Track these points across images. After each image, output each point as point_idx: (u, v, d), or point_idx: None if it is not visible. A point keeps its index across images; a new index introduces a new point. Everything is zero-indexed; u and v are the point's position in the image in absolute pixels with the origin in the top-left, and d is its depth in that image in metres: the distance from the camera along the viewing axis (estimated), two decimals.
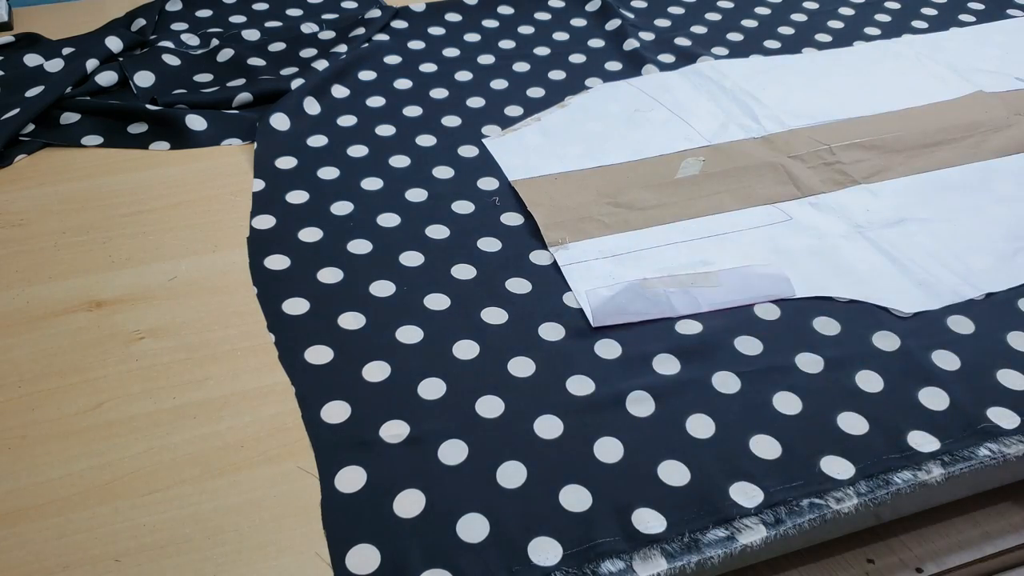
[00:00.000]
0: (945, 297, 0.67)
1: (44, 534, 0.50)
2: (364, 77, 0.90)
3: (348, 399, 0.58)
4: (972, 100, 0.87)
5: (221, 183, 0.76)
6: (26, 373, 0.59)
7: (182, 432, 0.56)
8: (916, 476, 0.54)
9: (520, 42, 0.98)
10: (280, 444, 0.55)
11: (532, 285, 0.67)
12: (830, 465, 0.54)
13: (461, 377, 0.60)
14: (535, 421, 0.57)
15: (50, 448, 0.55)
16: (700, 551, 0.50)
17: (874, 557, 0.56)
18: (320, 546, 0.50)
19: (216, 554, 0.49)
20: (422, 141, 0.82)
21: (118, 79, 0.87)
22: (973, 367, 0.61)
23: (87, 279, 0.67)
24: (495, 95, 0.89)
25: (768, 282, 0.67)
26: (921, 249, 0.71)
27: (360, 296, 0.65)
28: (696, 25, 1.02)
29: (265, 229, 0.71)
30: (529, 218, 0.73)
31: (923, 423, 0.57)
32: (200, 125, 0.82)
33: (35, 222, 0.72)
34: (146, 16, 0.96)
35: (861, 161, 0.80)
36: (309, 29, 0.97)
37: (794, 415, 0.58)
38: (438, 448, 0.55)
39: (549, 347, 0.62)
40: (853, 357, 0.62)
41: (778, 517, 0.52)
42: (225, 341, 0.62)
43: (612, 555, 0.49)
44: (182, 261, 0.68)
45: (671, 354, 0.62)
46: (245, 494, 0.52)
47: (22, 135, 0.80)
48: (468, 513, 0.51)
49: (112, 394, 0.58)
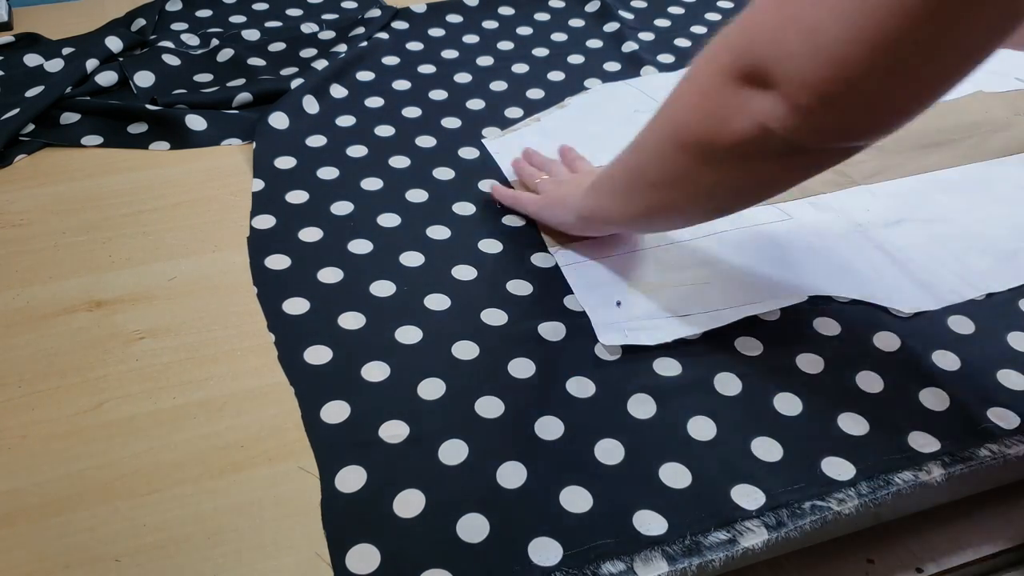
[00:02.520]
0: (945, 297, 0.67)
1: (44, 534, 0.50)
2: (363, 77, 0.90)
3: (348, 399, 0.58)
4: (972, 100, 0.87)
5: (221, 183, 0.76)
6: (26, 373, 0.59)
7: (182, 432, 0.56)
8: (916, 476, 0.54)
9: (519, 43, 0.98)
10: (280, 444, 0.55)
11: (533, 287, 0.67)
12: (831, 466, 0.54)
13: (461, 377, 0.60)
14: (536, 422, 0.57)
15: (50, 448, 0.55)
16: (701, 553, 0.50)
17: (874, 557, 0.56)
18: (320, 546, 0.50)
19: (216, 554, 0.49)
20: (422, 142, 0.82)
21: (118, 79, 0.86)
22: (973, 367, 0.61)
23: (87, 279, 0.67)
24: (495, 96, 0.89)
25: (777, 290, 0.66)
26: (921, 249, 0.71)
27: (360, 296, 0.65)
28: (696, 25, 1.02)
29: (265, 229, 0.71)
30: (530, 220, 0.73)
31: (923, 423, 0.57)
32: (200, 125, 0.82)
33: (35, 222, 0.72)
34: (146, 16, 0.96)
35: (861, 161, 0.80)
36: (309, 29, 0.97)
37: (795, 416, 0.58)
38: (438, 448, 0.55)
39: (550, 348, 0.62)
40: (853, 357, 0.62)
41: (780, 519, 0.52)
42: (225, 341, 0.62)
43: (613, 556, 0.49)
44: (182, 261, 0.68)
45: (672, 355, 0.62)
46: (245, 494, 0.52)
47: (22, 135, 0.80)
48: (468, 513, 0.51)
49: (112, 394, 0.58)
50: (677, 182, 0.55)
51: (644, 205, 0.59)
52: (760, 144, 0.47)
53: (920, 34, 0.39)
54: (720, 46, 0.48)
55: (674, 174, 0.54)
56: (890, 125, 0.45)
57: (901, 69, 0.41)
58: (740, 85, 0.46)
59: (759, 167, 0.50)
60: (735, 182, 0.52)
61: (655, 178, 0.56)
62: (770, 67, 0.44)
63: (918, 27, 0.39)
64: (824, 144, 0.47)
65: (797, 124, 0.45)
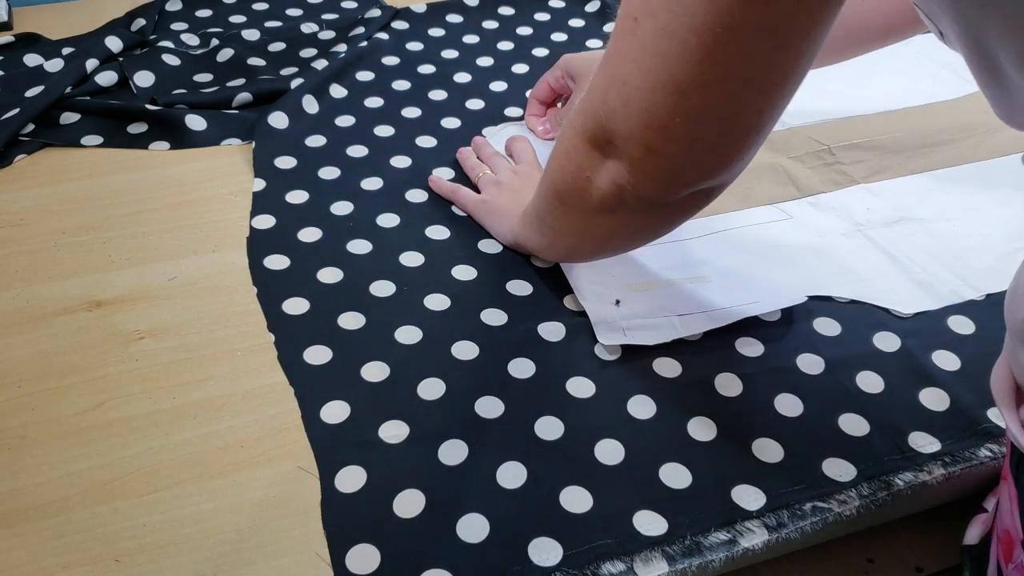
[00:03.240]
0: (945, 297, 0.67)
1: (44, 534, 0.50)
2: (363, 77, 0.90)
3: (348, 399, 0.58)
4: (972, 100, 0.87)
5: (221, 183, 0.76)
6: (26, 373, 0.59)
7: (182, 432, 0.56)
8: (917, 477, 0.54)
9: (519, 43, 0.98)
10: (280, 444, 0.55)
11: (533, 287, 0.67)
12: (831, 467, 0.54)
13: (461, 378, 0.60)
14: (536, 422, 0.57)
15: (50, 448, 0.55)
16: (702, 554, 0.50)
17: (874, 557, 0.56)
18: (320, 546, 0.50)
19: (216, 554, 0.49)
20: (422, 142, 0.82)
21: (118, 79, 0.86)
22: (973, 367, 0.61)
23: (87, 279, 0.67)
24: (495, 97, 0.89)
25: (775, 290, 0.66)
26: (921, 249, 0.71)
27: (360, 296, 0.65)
28: None
29: (265, 229, 0.71)
30: None
31: (924, 424, 0.57)
32: (200, 125, 0.82)
33: (35, 222, 0.72)
34: (146, 16, 0.96)
35: (861, 161, 0.80)
36: (309, 29, 0.97)
37: (795, 417, 0.58)
38: (438, 448, 0.55)
39: (549, 348, 0.62)
40: (853, 358, 0.62)
41: (780, 520, 0.52)
42: (225, 341, 0.62)
43: (613, 557, 0.49)
44: (182, 261, 0.68)
45: (672, 356, 0.61)
46: (245, 494, 0.52)
47: (22, 135, 0.79)
48: (468, 513, 0.51)
49: (112, 394, 0.58)
50: (570, 229, 0.58)
51: (558, 246, 0.63)
52: (619, 201, 0.50)
53: (708, 75, 0.41)
54: (578, 108, 0.50)
55: (563, 223, 0.58)
56: (721, 165, 0.47)
57: (703, 109, 0.43)
58: (592, 147, 0.49)
59: (629, 219, 0.53)
60: (618, 230, 0.55)
61: (553, 224, 0.60)
62: (607, 126, 0.47)
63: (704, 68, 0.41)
64: (668, 195, 0.49)
65: (639, 179, 0.47)
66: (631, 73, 0.44)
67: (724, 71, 0.41)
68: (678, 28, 0.40)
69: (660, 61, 0.42)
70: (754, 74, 0.42)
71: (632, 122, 0.45)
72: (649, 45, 0.42)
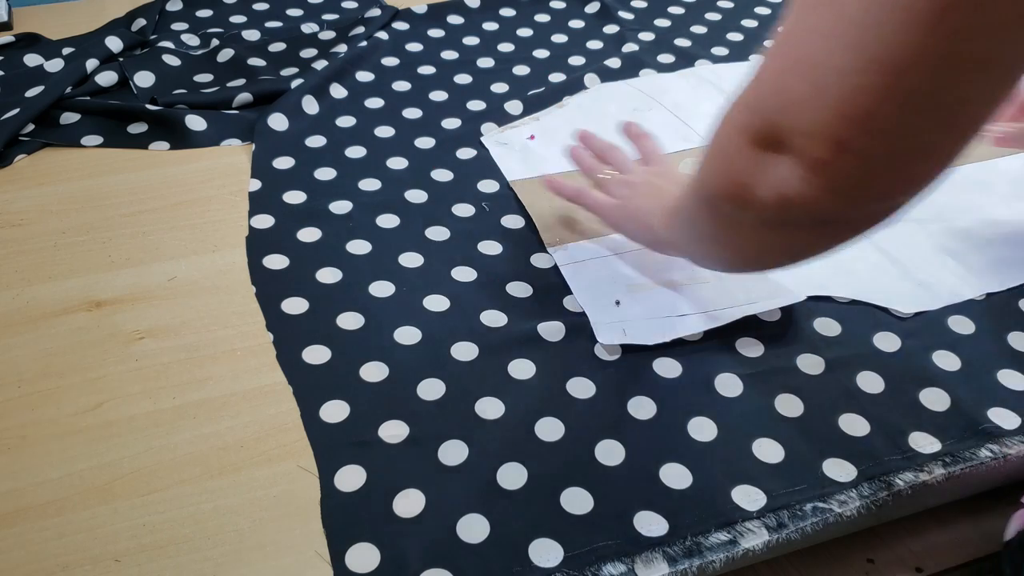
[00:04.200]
0: (945, 297, 0.67)
1: (44, 534, 0.50)
2: (363, 78, 0.90)
3: (347, 399, 0.58)
4: None
5: (221, 183, 0.76)
6: (26, 373, 0.59)
7: (182, 432, 0.56)
8: (917, 477, 0.54)
9: (520, 45, 0.98)
10: (280, 444, 0.55)
11: (532, 288, 0.67)
12: (832, 467, 0.54)
13: (461, 378, 0.60)
14: (536, 423, 0.57)
15: (50, 448, 0.55)
16: (702, 555, 0.50)
17: (874, 557, 0.56)
18: (320, 545, 0.50)
19: (216, 554, 0.49)
20: (421, 143, 0.82)
21: (118, 79, 0.86)
22: (973, 367, 0.61)
23: (87, 279, 0.66)
24: (495, 98, 0.89)
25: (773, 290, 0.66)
26: (921, 249, 0.71)
27: (359, 296, 0.65)
28: (696, 25, 1.02)
29: (264, 229, 0.71)
30: (530, 221, 0.73)
31: (924, 424, 0.57)
32: (200, 125, 0.82)
33: (35, 222, 0.72)
34: (146, 16, 0.96)
35: None
36: (309, 29, 0.97)
37: (796, 417, 0.58)
38: (438, 448, 0.55)
39: (549, 348, 0.62)
40: (854, 358, 0.62)
41: (780, 521, 0.51)
42: (225, 341, 0.62)
43: (613, 558, 0.49)
44: (182, 261, 0.68)
45: (672, 356, 0.61)
46: (245, 494, 0.52)
47: (22, 135, 0.79)
48: (468, 513, 0.51)
49: (112, 394, 0.58)
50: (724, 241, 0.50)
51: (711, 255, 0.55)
52: (784, 214, 0.42)
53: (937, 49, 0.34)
54: (736, 101, 0.43)
55: (715, 233, 0.50)
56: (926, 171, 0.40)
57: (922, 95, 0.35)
58: (756, 148, 0.41)
59: (791, 235, 0.45)
60: (775, 246, 0.48)
61: (704, 231, 0.52)
62: (779, 121, 0.39)
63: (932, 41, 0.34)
64: (850, 208, 0.42)
65: (815, 187, 0.39)
66: (825, 53, 0.36)
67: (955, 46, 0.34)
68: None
69: (873, 34, 0.34)
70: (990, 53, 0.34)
71: (823, 112, 0.37)
72: (856, 14, 0.35)
